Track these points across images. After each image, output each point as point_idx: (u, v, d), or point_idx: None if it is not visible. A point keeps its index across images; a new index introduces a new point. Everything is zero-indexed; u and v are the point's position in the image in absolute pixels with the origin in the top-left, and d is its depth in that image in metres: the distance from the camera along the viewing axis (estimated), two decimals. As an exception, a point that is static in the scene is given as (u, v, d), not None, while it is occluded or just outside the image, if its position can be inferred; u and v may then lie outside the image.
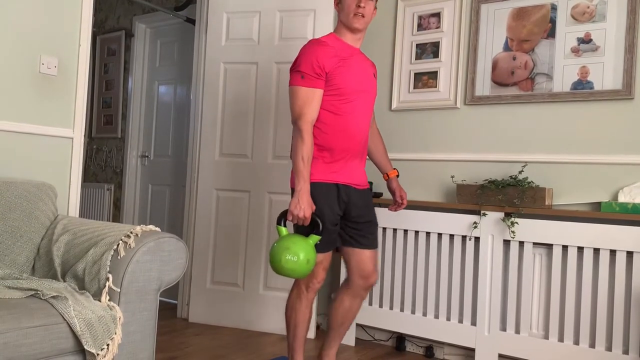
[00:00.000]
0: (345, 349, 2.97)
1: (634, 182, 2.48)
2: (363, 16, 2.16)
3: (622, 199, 2.44)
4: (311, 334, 3.14)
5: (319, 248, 2.09)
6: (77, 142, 2.54)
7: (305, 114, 2.10)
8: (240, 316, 3.26)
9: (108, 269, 1.83)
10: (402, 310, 2.92)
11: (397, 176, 2.53)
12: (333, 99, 2.15)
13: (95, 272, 1.84)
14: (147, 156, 4.11)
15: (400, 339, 3.02)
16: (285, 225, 2.13)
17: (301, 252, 1.99)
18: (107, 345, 1.71)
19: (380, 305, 3.00)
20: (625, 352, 2.34)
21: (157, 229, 1.99)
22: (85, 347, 1.65)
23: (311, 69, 2.09)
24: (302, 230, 2.12)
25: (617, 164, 2.53)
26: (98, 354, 1.68)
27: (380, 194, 3.09)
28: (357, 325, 3.11)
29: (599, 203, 2.52)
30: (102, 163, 4.52)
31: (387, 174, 2.51)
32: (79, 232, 2.02)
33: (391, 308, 2.96)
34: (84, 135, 2.62)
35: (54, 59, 2.42)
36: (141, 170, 4.15)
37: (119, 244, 1.87)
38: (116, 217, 4.29)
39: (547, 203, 2.55)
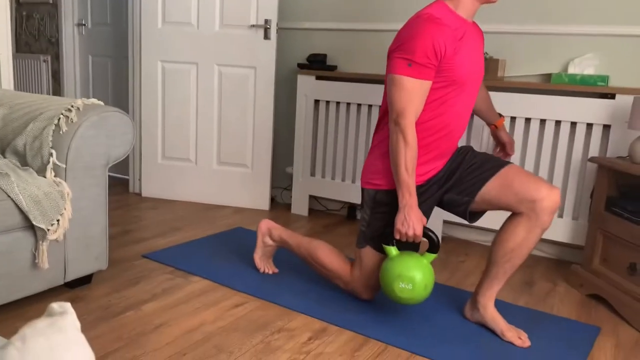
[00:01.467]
0: (299, 218, 3.07)
1: (585, 53, 2.49)
2: None
3: (572, 70, 2.47)
4: (266, 206, 3.21)
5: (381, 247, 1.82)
6: (1, 6, 2.29)
7: (410, 112, 1.68)
8: (195, 190, 3.27)
9: (50, 144, 1.75)
10: (353, 182, 2.99)
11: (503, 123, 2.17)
12: (439, 92, 1.73)
13: (37, 148, 1.76)
14: (84, 24, 3.80)
15: (351, 209, 3.14)
16: (394, 244, 1.78)
17: (416, 278, 1.69)
18: (57, 220, 1.69)
19: (332, 177, 3.06)
20: (560, 215, 2.51)
21: (100, 102, 1.89)
22: (34, 222, 1.63)
23: (424, 57, 1.64)
24: (410, 247, 1.82)
25: (570, 35, 2.52)
26: (48, 229, 1.67)
27: (335, 67, 3.02)
28: (310, 196, 3.19)
29: (550, 74, 2.54)
30: (34, 32, 4.17)
31: (494, 124, 2.12)
32: (16, 106, 1.90)
33: (343, 180, 3.03)
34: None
35: None
36: (79, 40, 3.85)
37: (59, 118, 1.78)
38: (57, 91, 4.07)
39: (499, 74, 2.56)
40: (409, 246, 1.83)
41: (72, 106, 1.80)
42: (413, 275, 1.69)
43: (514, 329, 1.78)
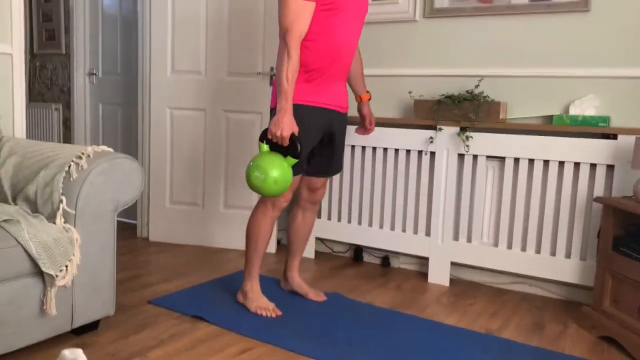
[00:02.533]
0: (305, 261, 3.06)
1: (586, 94, 2.53)
2: None
3: (573, 111, 2.50)
4: (272, 248, 3.22)
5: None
6: (17, 59, 2.38)
7: (295, 29, 1.96)
8: (201, 234, 3.29)
9: (61, 191, 1.78)
10: (359, 223, 3.00)
11: (369, 99, 2.47)
12: (323, 13, 2.01)
13: (48, 195, 1.79)
14: (95, 74, 3.91)
15: (357, 251, 3.13)
16: (267, 143, 2.05)
17: (271, 172, 1.94)
18: (66, 266, 1.71)
19: (339, 219, 3.07)
20: (568, 256, 2.50)
21: (110, 149, 1.94)
22: (43, 269, 1.64)
23: None
24: (280, 150, 2.04)
25: (569, 77, 2.57)
26: (57, 275, 1.68)
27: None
28: (317, 238, 3.19)
29: (551, 116, 2.58)
30: (47, 81, 4.29)
31: (360, 96, 2.45)
32: (28, 154, 1.95)
33: (349, 221, 3.03)
34: (25, 52, 2.45)
35: (-19, -34, 2.21)
36: (90, 88, 3.96)
37: (70, 165, 1.82)
38: (67, 138, 4.15)
39: (501, 117, 2.60)
40: (277, 150, 2.04)
41: (82, 153, 1.85)
42: (268, 169, 1.95)
43: (313, 290, 2.40)
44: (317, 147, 2.22)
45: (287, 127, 1.95)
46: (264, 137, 2.05)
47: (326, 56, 2.06)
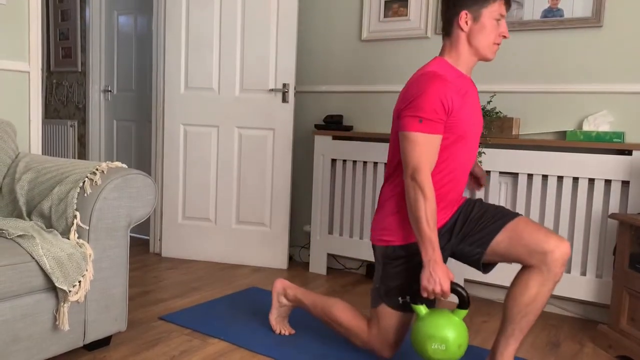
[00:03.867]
0: (317, 277, 3.05)
1: (599, 110, 2.52)
2: (499, 46, 1.83)
3: (586, 127, 2.49)
4: (284, 264, 3.21)
5: (406, 308, 1.80)
6: (34, 76, 2.42)
7: (425, 166, 1.68)
8: (213, 250, 3.29)
9: (75, 206, 1.80)
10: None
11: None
12: (447, 146, 1.75)
13: (62, 210, 1.81)
14: (110, 91, 3.97)
15: (370, 267, 3.11)
16: (423, 303, 1.73)
17: (449, 338, 1.63)
18: (79, 282, 1.72)
19: (351, 235, 3.06)
20: (583, 273, 2.46)
21: (124, 165, 1.95)
22: (57, 284, 1.65)
23: (433, 112, 1.67)
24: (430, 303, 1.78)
25: (583, 93, 2.56)
26: (70, 291, 1.69)
27: (351, 127, 3.08)
28: (329, 255, 3.18)
29: (565, 132, 2.56)
30: (63, 98, 4.36)
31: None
32: (43, 170, 1.97)
33: (361, 238, 3.02)
34: (42, 69, 2.50)
35: (1, -13, 2.27)
36: (105, 105, 4.02)
37: (84, 181, 1.83)
38: (82, 154, 4.20)
39: (514, 133, 2.59)
40: (432, 303, 1.79)
41: (96, 169, 1.87)
42: (445, 335, 1.62)
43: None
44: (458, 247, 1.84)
45: (444, 278, 1.63)
46: (415, 297, 1.72)
47: (441, 187, 1.78)
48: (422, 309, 1.71)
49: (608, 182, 2.40)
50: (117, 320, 1.93)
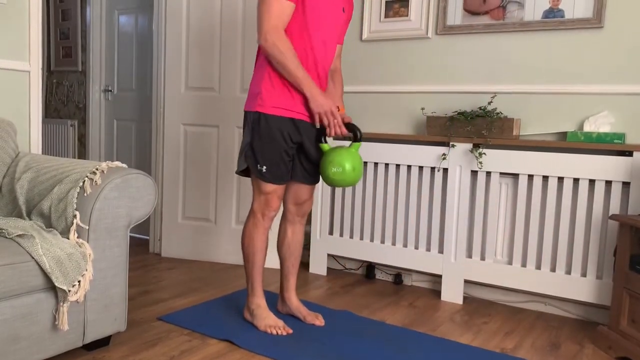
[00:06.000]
0: (317, 277, 3.04)
1: (600, 111, 2.51)
2: None
3: (587, 128, 2.48)
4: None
5: (272, 179, 2.13)
6: (34, 76, 2.42)
7: (279, 26, 1.98)
8: (213, 250, 3.29)
9: (75, 206, 1.80)
10: (372, 240, 2.99)
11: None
12: (300, 20, 2.04)
13: (62, 210, 1.81)
14: (111, 90, 3.97)
15: (370, 268, 3.11)
16: (326, 142, 2.16)
17: (345, 162, 2.04)
18: (79, 281, 1.71)
19: (351, 236, 3.06)
20: (584, 274, 2.46)
21: (124, 165, 1.95)
22: (56, 284, 1.65)
23: None
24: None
25: (584, 94, 2.56)
26: (69, 291, 1.69)
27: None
28: (329, 255, 3.18)
29: (565, 133, 2.56)
30: (63, 98, 4.36)
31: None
32: (43, 170, 1.97)
33: (361, 238, 3.02)
34: (42, 69, 2.50)
35: (2, -14, 2.27)
36: (105, 105, 4.01)
37: (84, 180, 1.83)
38: (82, 154, 4.20)
39: (514, 133, 2.58)
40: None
41: (96, 169, 1.86)
42: (342, 160, 2.05)
43: (312, 314, 2.31)
44: (297, 156, 2.21)
45: (327, 103, 2.04)
46: (319, 137, 2.16)
47: (301, 61, 2.05)
48: (325, 146, 2.14)
49: (609, 183, 2.40)
50: (117, 320, 1.93)
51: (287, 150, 2.13)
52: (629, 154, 2.34)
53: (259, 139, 2.10)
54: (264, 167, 2.11)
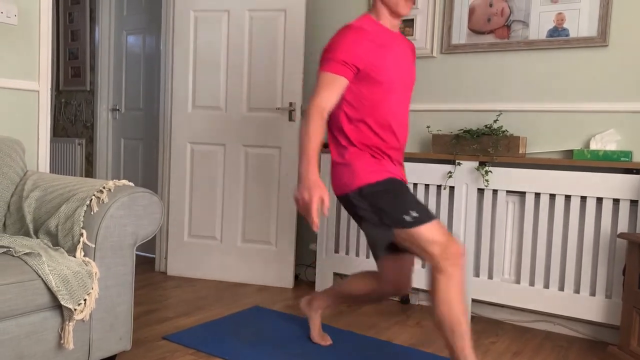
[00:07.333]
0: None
1: (606, 129, 2.51)
2: (414, 2, 1.92)
3: (593, 146, 2.48)
4: (289, 283, 3.19)
5: (429, 215, 1.79)
6: (43, 95, 2.45)
7: (319, 98, 1.80)
8: (219, 268, 3.28)
9: (82, 224, 1.80)
10: (378, 259, 2.97)
11: None
12: (372, 92, 1.88)
13: (69, 228, 1.81)
14: (118, 109, 4.01)
15: (376, 287, 3.09)
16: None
17: None
18: (84, 300, 1.71)
19: (357, 254, 3.04)
20: (592, 294, 2.43)
21: (131, 183, 1.96)
22: (62, 302, 1.64)
23: (341, 56, 1.81)
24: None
25: (590, 112, 2.56)
26: (75, 309, 1.68)
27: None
28: (335, 274, 3.16)
29: (572, 151, 2.56)
30: (71, 117, 4.40)
31: None
32: (50, 188, 1.98)
33: (367, 257, 3.00)
34: (51, 88, 2.53)
35: (13, 7, 2.30)
36: (112, 124, 4.05)
37: (91, 199, 1.84)
38: (89, 172, 4.22)
39: (521, 151, 2.58)
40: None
41: (103, 187, 1.87)
42: None
43: (324, 336, 2.26)
44: None
45: (315, 190, 1.68)
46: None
47: (379, 133, 1.91)
48: None
49: (616, 202, 2.39)
50: (122, 339, 1.92)
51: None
52: (636, 171, 2.33)
53: (384, 197, 1.84)
54: (413, 212, 1.78)
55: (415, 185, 2.86)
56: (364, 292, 2.09)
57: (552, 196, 2.52)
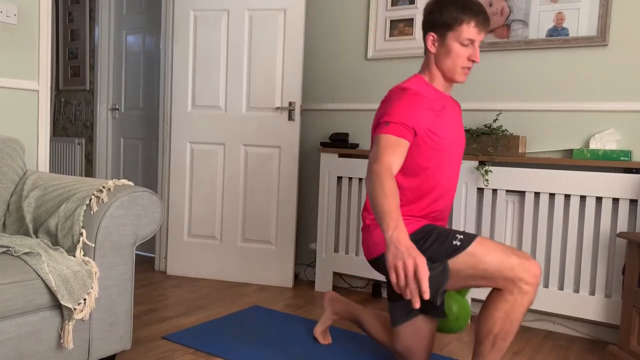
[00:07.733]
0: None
1: (606, 128, 2.51)
2: (469, 70, 1.84)
3: (593, 145, 2.48)
4: (289, 283, 3.20)
5: (472, 237, 1.73)
6: (43, 95, 2.45)
7: (385, 159, 1.60)
8: (219, 268, 3.28)
9: (81, 224, 1.80)
10: (378, 258, 2.97)
11: None
12: (426, 159, 1.80)
13: (69, 228, 1.81)
14: (118, 109, 4.01)
15: (376, 286, 3.09)
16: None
17: (450, 309, 1.85)
18: (84, 299, 1.71)
19: (357, 254, 3.04)
20: (592, 293, 2.43)
21: (130, 183, 1.96)
22: (62, 302, 1.64)
23: (402, 119, 1.70)
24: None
25: (589, 111, 2.56)
26: (75, 309, 1.68)
27: (357, 145, 3.09)
28: (334, 273, 3.16)
29: (571, 150, 2.56)
30: (71, 116, 4.40)
31: None
32: (50, 188, 1.98)
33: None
34: (51, 88, 2.53)
35: (12, 7, 2.30)
36: (112, 123, 4.05)
37: (91, 198, 1.84)
38: (89, 172, 4.22)
39: (520, 151, 2.58)
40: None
41: (103, 187, 1.87)
42: (448, 307, 1.82)
43: (326, 335, 2.17)
44: None
45: (414, 255, 1.30)
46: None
47: (426, 200, 1.85)
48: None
49: (616, 201, 2.39)
50: (122, 338, 1.92)
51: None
52: (636, 171, 2.33)
53: (427, 239, 1.77)
54: (459, 236, 1.73)
55: (415, 184, 2.86)
56: (378, 339, 2.08)
57: (552, 195, 2.52)
